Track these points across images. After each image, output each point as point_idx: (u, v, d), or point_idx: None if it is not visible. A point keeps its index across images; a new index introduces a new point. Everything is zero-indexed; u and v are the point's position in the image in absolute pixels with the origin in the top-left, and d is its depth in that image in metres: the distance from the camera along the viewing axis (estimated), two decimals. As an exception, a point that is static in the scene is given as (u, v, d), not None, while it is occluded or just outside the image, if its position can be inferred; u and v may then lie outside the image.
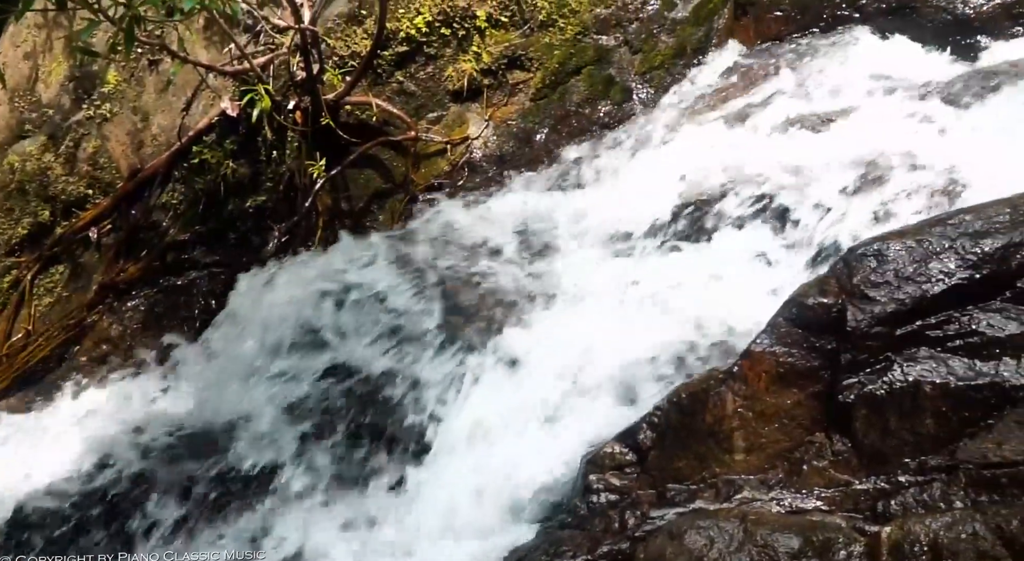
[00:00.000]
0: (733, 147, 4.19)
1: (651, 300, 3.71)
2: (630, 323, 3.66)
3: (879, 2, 4.63)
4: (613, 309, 3.79)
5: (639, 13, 4.98)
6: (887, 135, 3.85)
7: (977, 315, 2.71)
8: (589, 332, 3.65)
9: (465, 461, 3.43)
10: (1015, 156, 3.42)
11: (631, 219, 4.16)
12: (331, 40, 4.96)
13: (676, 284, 3.75)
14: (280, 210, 5.09)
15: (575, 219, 4.34)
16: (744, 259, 3.80)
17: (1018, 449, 2.48)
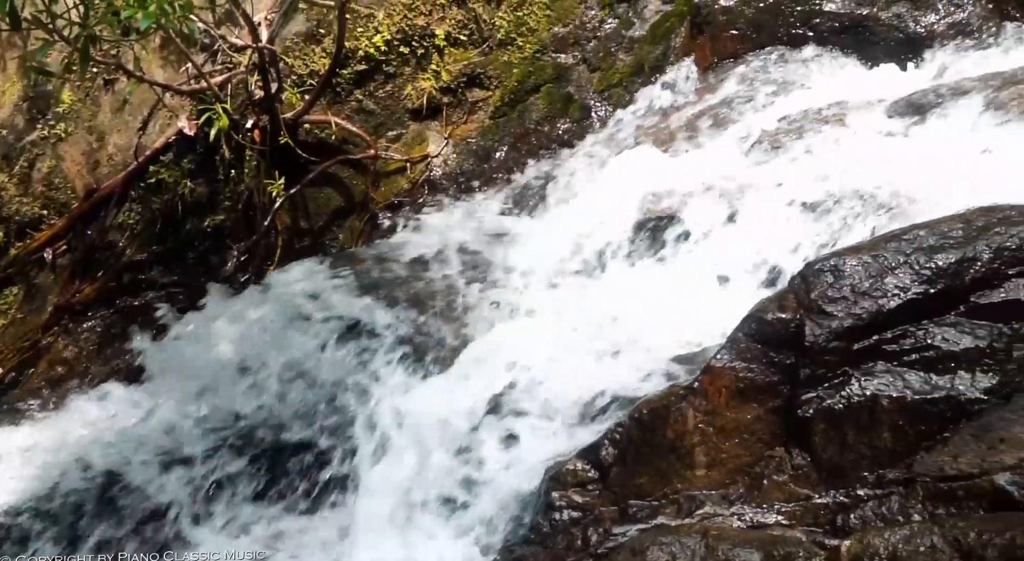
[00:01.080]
0: (691, 165, 4.23)
1: (610, 316, 3.73)
2: (588, 339, 3.67)
3: (832, 21, 4.70)
4: (572, 326, 3.80)
5: (597, 31, 5.01)
6: (842, 152, 3.90)
7: (932, 329, 2.74)
8: (546, 349, 3.66)
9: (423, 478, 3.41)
10: (967, 171, 3.48)
11: (589, 236, 4.18)
12: (289, 59, 4.94)
13: (635, 300, 3.77)
14: (239, 229, 5.05)
15: (534, 237, 4.35)
16: (703, 275, 3.82)
17: (973, 462, 2.51)
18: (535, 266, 4.25)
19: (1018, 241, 2.74)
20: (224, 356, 4.10)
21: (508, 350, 3.73)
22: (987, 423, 2.57)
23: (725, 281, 3.77)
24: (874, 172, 3.69)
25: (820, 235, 3.58)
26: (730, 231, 3.87)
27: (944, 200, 3.25)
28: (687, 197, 4.08)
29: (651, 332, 3.56)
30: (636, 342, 3.53)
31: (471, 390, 3.58)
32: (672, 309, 3.71)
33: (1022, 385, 2.59)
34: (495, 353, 3.73)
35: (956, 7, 4.58)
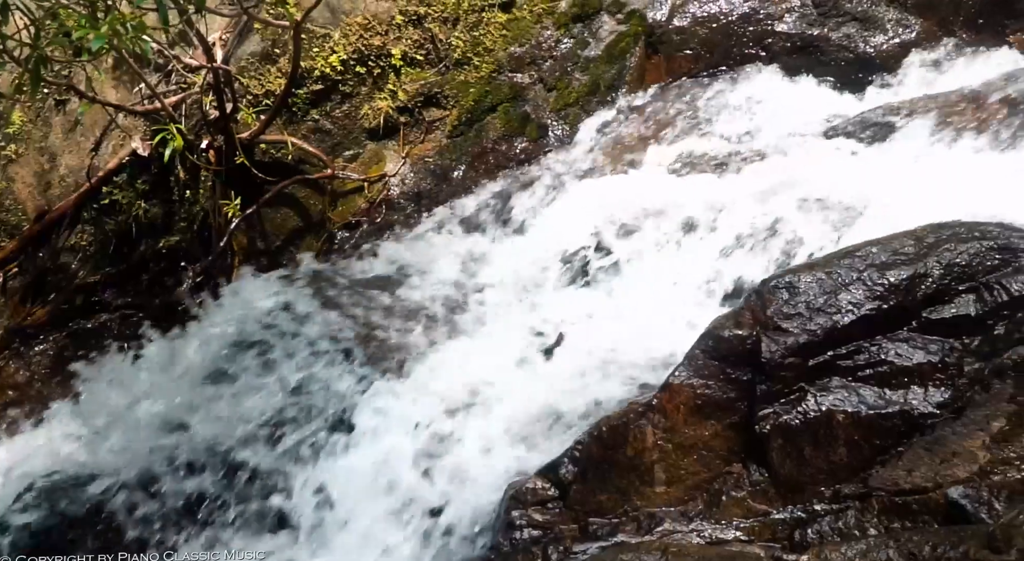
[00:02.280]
0: (645, 183, 4.26)
1: (566, 335, 3.74)
2: (547, 358, 3.68)
3: (784, 41, 4.77)
4: (530, 344, 3.81)
5: (553, 51, 5.04)
6: (793, 170, 3.95)
7: (886, 345, 2.78)
8: (506, 366, 3.66)
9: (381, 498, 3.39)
10: (916, 189, 3.54)
11: (546, 255, 4.19)
12: (245, 79, 4.92)
13: (592, 319, 3.79)
14: (194, 250, 5.01)
15: (492, 255, 4.35)
16: (660, 292, 3.84)
17: (927, 475, 2.54)
18: (494, 283, 4.25)
19: (967, 257, 2.80)
20: (178, 378, 4.05)
21: (466, 368, 3.73)
22: (940, 437, 2.61)
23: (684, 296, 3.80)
24: (826, 189, 3.74)
25: (772, 250, 3.62)
26: (686, 248, 3.90)
27: (896, 216, 3.30)
28: (643, 215, 4.11)
29: (611, 347, 3.58)
30: (596, 358, 3.54)
31: (429, 409, 3.56)
32: (630, 324, 3.73)
33: (973, 399, 2.63)
34: (453, 371, 3.73)
35: (904, 27, 4.67)
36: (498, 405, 3.52)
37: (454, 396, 3.62)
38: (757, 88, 4.62)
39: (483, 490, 3.24)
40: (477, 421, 3.49)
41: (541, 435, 3.36)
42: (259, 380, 3.90)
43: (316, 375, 3.87)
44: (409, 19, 5.00)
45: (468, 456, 3.40)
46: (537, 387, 3.53)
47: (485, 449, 3.39)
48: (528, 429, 3.39)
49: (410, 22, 5.01)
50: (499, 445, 3.39)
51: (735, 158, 4.24)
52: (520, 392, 3.53)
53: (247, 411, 3.82)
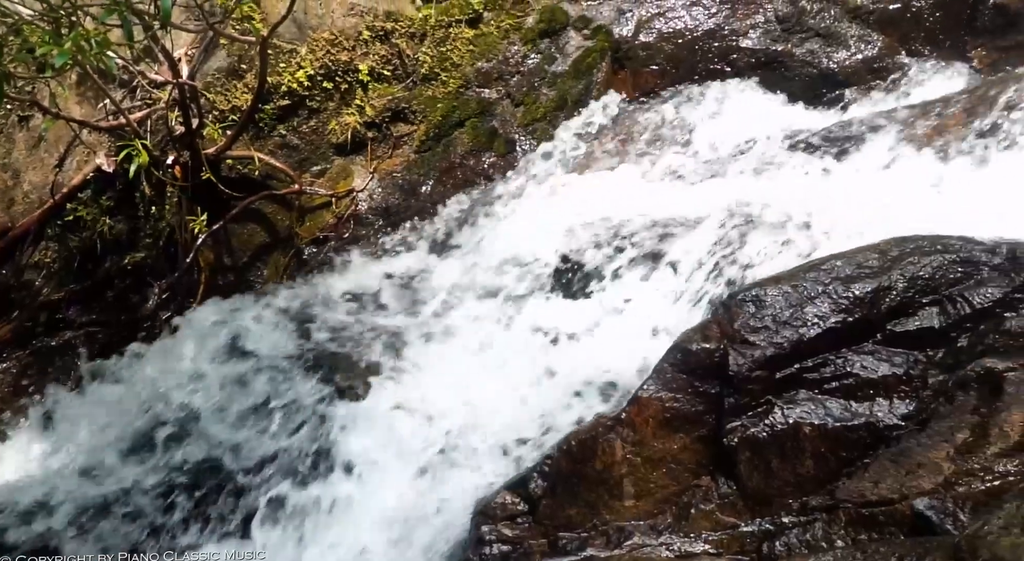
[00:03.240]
0: (613, 198, 4.28)
1: (537, 349, 3.74)
2: (517, 373, 3.68)
3: (749, 57, 4.82)
4: (500, 357, 3.81)
5: (520, 67, 5.06)
6: (758, 184, 3.99)
7: (851, 357, 2.81)
8: (474, 381, 3.66)
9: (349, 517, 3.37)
10: (879, 201, 3.58)
11: (516, 268, 4.19)
12: (211, 94, 4.89)
13: (561, 332, 3.79)
14: (160, 267, 4.96)
15: (460, 269, 4.35)
16: (628, 305, 3.86)
17: (893, 487, 2.57)
18: (462, 298, 4.25)
19: (931, 270, 2.83)
20: (143, 397, 4.01)
21: (434, 384, 3.72)
22: (905, 448, 2.63)
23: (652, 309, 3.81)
24: (791, 202, 3.77)
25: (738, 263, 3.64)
26: (652, 260, 3.92)
27: (860, 229, 3.34)
28: (612, 228, 4.12)
29: (579, 362, 3.58)
30: (566, 372, 3.55)
31: (398, 426, 3.55)
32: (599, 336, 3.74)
33: (938, 411, 2.66)
34: (421, 387, 3.72)
35: (866, 43, 4.73)
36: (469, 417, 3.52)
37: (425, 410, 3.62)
38: (722, 103, 4.66)
39: (455, 506, 3.23)
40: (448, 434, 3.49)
41: (511, 448, 3.36)
42: (227, 400, 3.87)
43: (285, 392, 3.85)
44: (376, 35, 5.00)
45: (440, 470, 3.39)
46: (507, 399, 3.53)
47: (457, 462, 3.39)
48: (499, 442, 3.39)
49: (377, 38, 5.01)
50: (470, 458, 3.39)
51: (700, 172, 4.27)
52: (491, 404, 3.53)
53: (214, 433, 3.79)
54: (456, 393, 3.67)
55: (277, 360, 3.97)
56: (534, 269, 4.18)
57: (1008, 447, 2.54)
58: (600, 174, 4.52)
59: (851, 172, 3.93)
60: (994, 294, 2.75)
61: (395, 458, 3.48)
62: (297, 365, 3.94)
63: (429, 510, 3.28)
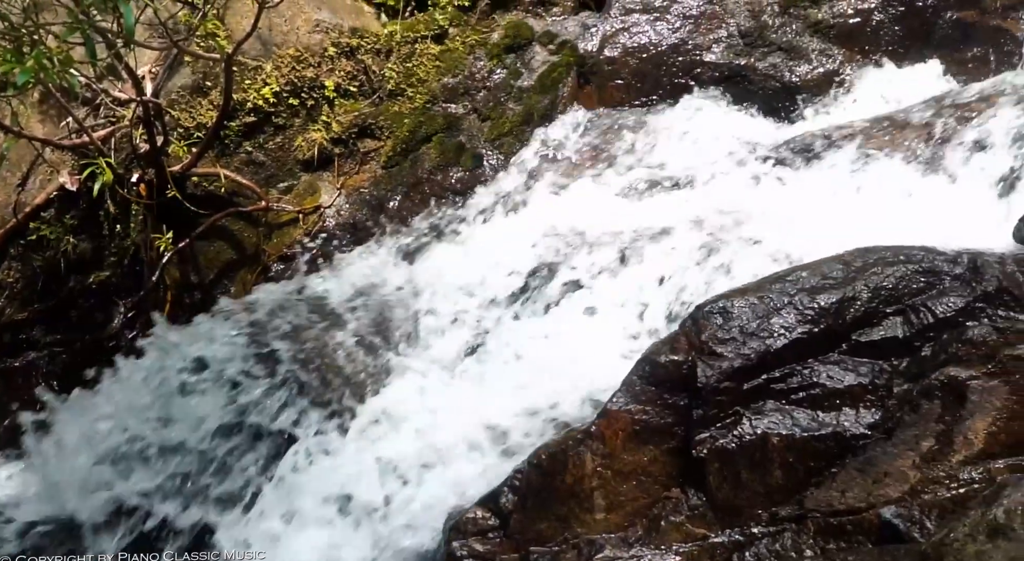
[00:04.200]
0: (579, 211, 4.30)
1: (506, 364, 3.75)
2: (486, 388, 3.68)
3: (713, 71, 4.87)
4: (470, 373, 3.81)
5: (486, 82, 5.07)
6: (723, 196, 4.02)
7: (817, 367, 2.83)
8: (444, 397, 3.65)
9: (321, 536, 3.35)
10: (842, 212, 3.62)
11: (486, 282, 4.20)
12: (175, 112, 4.86)
13: (530, 346, 3.80)
14: (125, 285, 4.92)
15: (429, 285, 4.35)
16: (597, 319, 3.87)
17: (860, 496, 2.59)
18: (430, 313, 4.24)
19: (894, 280, 2.86)
20: (109, 419, 3.95)
21: (405, 400, 3.72)
22: (871, 458, 2.66)
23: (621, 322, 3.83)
24: (756, 213, 3.80)
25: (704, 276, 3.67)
26: (620, 274, 3.94)
27: (824, 240, 3.37)
28: (580, 242, 4.14)
29: (550, 376, 3.59)
30: (536, 386, 3.55)
31: (368, 444, 3.54)
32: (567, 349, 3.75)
33: (903, 419, 2.69)
34: (392, 404, 3.71)
35: (827, 57, 4.79)
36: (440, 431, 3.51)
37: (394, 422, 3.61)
38: (687, 116, 4.70)
39: (426, 522, 3.22)
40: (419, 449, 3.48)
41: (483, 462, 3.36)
42: (192, 421, 3.83)
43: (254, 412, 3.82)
44: (342, 51, 5.01)
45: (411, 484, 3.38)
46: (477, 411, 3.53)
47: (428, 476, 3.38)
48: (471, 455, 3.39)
49: (343, 54, 5.01)
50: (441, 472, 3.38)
51: (665, 185, 4.30)
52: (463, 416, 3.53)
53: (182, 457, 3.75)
54: (424, 407, 3.66)
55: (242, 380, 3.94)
56: (503, 282, 4.18)
57: (972, 455, 2.57)
58: (566, 187, 4.54)
59: (814, 183, 3.98)
60: (956, 303, 2.78)
61: (366, 473, 3.47)
62: (263, 385, 3.91)
63: (401, 527, 3.26)
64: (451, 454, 3.40)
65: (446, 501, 3.24)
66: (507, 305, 4.12)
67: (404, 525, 3.28)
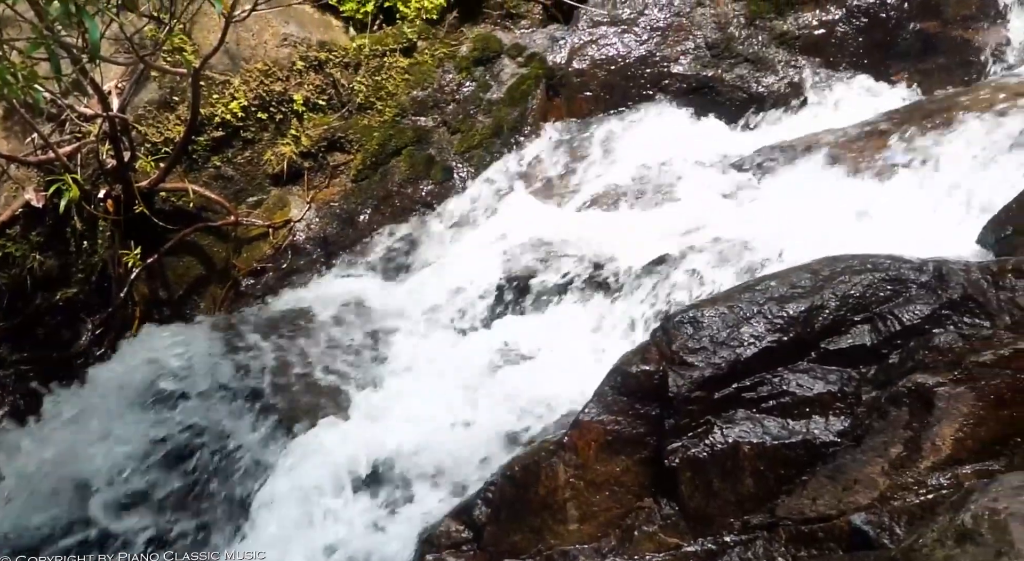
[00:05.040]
0: (550, 222, 4.32)
1: (479, 375, 3.74)
2: (460, 398, 3.67)
3: (680, 82, 4.91)
4: (443, 385, 3.80)
5: (455, 95, 5.08)
6: (691, 207, 4.05)
7: (787, 376, 2.85)
8: (417, 409, 3.65)
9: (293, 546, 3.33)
10: (809, 222, 3.66)
11: (455, 296, 4.20)
12: (143, 127, 4.83)
13: (503, 358, 3.80)
14: (93, 302, 4.87)
15: (399, 298, 4.34)
16: (569, 330, 3.88)
17: (831, 503, 2.61)
18: (402, 326, 4.24)
19: (861, 289, 2.89)
20: (76, 439, 3.91)
21: (376, 413, 3.70)
22: (841, 465, 2.68)
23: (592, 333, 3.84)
24: (725, 224, 3.83)
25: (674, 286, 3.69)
26: (591, 286, 3.95)
27: (791, 250, 3.40)
28: (551, 254, 4.15)
29: (522, 386, 3.59)
30: (510, 398, 3.55)
31: (339, 458, 3.52)
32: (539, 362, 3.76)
33: (872, 426, 2.71)
34: (362, 417, 3.70)
35: (793, 68, 4.85)
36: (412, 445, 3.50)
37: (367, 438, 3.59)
38: (655, 128, 4.74)
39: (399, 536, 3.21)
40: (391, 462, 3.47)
41: (456, 475, 3.35)
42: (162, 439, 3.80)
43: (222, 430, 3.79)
44: (310, 65, 5.00)
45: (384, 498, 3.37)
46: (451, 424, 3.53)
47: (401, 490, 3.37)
48: (444, 469, 3.38)
49: (311, 67, 5.00)
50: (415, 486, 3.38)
51: (635, 196, 4.32)
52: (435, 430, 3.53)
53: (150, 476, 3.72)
54: (398, 421, 3.65)
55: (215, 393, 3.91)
56: (474, 294, 4.19)
57: (940, 461, 2.60)
58: (536, 200, 4.55)
59: (782, 193, 4.01)
60: (923, 311, 2.81)
61: (339, 488, 3.45)
62: (234, 401, 3.89)
63: (375, 541, 3.25)
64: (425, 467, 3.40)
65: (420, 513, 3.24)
66: (479, 315, 4.13)
67: (376, 537, 3.26)
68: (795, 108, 4.78)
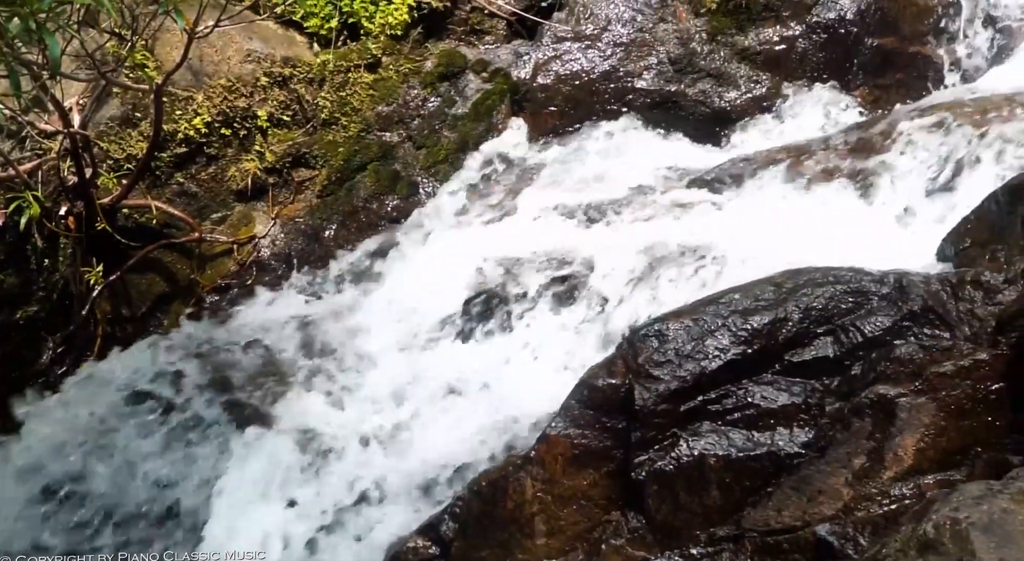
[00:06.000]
0: (513, 238, 4.32)
1: (446, 391, 3.74)
2: (426, 413, 3.67)
3: (644, 97, 4.94)
4: (408, 401, 3.79)
5: (420, 110, 5.09)
6: (655, 221, 4.07)
7: (752, 388, 2.87)
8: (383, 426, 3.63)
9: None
10: (772, 235, 3.69)
11: (422, 311, 4.19)
12: (104, 143, 4.79)
13: (470, 373, 3.80)
14: (55, 320, 4.81)
15: (365, 314, 4.33)
16: (536, 344, 3.89)
17: (796, 514, 2.63)
18: (368, 342, 4.22)
19: (824, 301, 2.92)
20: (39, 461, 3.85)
21: (342, 431, 3.68)
22: (806, 476, 2.70)
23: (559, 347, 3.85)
24: (689, 238, 3.86)
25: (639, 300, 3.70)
26: (556, 299, 3.96)
27: (755, 263, 3.43)
28: (515, 269, 4.16)
29: (490, 400, 3.59)
30: (477, 411, 3.55)
31: (306, 477, 3.50)
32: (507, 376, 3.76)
33: (835, 438, 2.74)
34: (329, 435, 3.67)
35: (755, 83, 4.90)
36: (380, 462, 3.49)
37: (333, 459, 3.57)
38: (619, 142, 4.77)
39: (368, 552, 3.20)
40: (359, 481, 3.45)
41: (423, 491, 3.34)
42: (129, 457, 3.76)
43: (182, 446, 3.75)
44: (274, 80, 4.98)
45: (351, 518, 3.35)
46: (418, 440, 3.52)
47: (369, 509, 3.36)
48: (411, 486, 3.37)
49: (275, 83, 4.99)
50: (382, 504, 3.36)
51: (599, 210, 4.34)
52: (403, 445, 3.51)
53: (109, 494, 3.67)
54: (366, 436, 3.63)
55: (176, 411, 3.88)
56: (441, 310, 4.18)
57: (903, 471, 2.63)
58: (500, 215, 4.56)
59: (745, 207, 4.05)
60: (884, 323, 2.84)
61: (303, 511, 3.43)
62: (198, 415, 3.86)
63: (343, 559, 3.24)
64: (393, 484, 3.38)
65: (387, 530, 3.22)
66: (447, 330, 4.12)
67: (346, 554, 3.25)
68: (758, 122, 4.82)
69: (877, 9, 4.85)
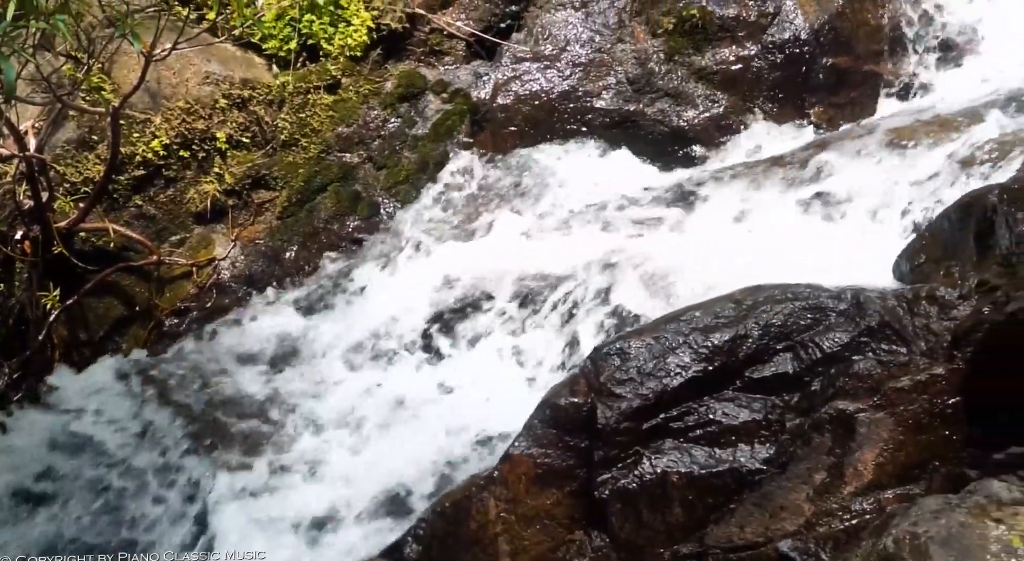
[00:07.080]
0: (474, 257, 4.33)
1: (409, 410, 3.73)
2: (389, 434, 3.65)
3: (604, 116, 4.98)
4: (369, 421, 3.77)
5: (381, 131, 5.09)
6: (615, 240, 4.10)
7: (713, 405, 2.88)
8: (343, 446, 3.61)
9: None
10: (729, 252, 3.72)
11: (381, 333, 4.18)
12: (61, 167, 4.74)
13: (430, 393, 3.79)
14: (10, 346, 4.74)
15: (325, 335, 4.31)
16: (498, 363, 3.89)
17: (758, 530, 2.64)
18: (331, 363, 4.20)
19: (783, 318, 2.94)
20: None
21: (304, 453, 3.66)
22: (768, 492, 2.72)
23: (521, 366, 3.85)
24: (647, 256, 3.88)
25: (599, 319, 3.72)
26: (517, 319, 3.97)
27: (713, 280, 3.45)
28: (476, 288, 4.16)
29: (452, 421, 3.58)
30: (440, 432, 3.54)
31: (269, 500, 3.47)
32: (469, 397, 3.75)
33: (796, 453, 2.76)
34: (291, 458, 3.65)
35: (712, 102, 4.95)
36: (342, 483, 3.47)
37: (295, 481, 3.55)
38: (579, 161, 4.80)
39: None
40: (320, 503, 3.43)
41: (386, 512, 3.32)
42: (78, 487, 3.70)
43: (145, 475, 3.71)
44: (233, 102, 4.96)
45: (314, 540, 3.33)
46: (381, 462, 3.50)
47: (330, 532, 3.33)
48: (374, 507, 3.35)
49: (234, 105, 4.97)
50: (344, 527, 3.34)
51: (560, 229, 4.36)
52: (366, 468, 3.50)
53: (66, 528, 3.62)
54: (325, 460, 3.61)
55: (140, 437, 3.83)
56: (401, 330, 4.18)
57: (863, 486, 2.65)
58: (462, 234, 4.57)
59: (702, 225, 4.08)
60: (842, 338, 2.87)
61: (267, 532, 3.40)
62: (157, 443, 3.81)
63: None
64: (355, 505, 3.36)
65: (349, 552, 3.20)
66: (408, 350, 4.12)
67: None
68: (715, 141, 4.87)
69: (831, 29, 4.92)
